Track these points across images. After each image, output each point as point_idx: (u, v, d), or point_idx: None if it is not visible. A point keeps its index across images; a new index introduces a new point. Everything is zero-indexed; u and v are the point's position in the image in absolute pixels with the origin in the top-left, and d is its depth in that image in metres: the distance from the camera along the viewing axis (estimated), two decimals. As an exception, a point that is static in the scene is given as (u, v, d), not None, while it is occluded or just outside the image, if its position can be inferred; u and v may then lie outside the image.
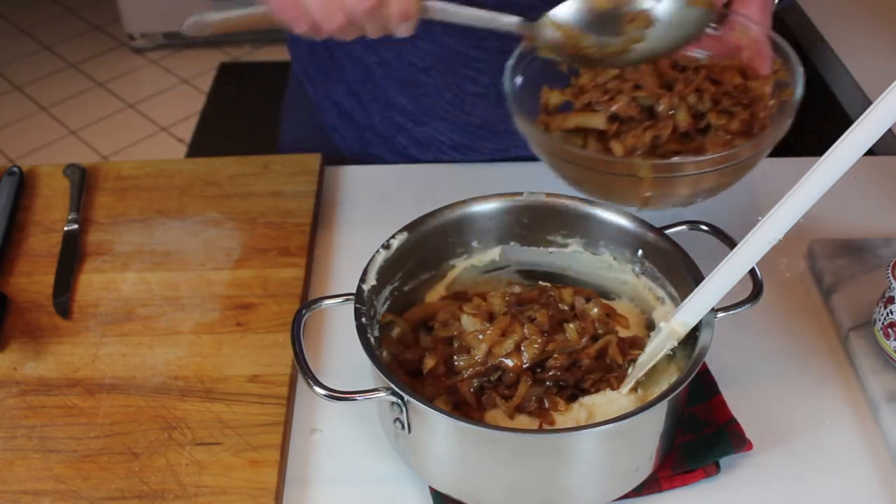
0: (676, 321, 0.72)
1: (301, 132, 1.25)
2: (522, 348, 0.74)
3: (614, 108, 0.79)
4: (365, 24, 0.75)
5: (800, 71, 0.77)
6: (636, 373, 0.74)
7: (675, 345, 0.73)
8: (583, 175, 0.79)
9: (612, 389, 0.74)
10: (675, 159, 0.77)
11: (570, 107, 0.86)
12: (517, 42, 0.86)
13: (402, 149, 1.13)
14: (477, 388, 0.74)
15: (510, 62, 0.82)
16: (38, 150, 2.97)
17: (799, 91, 0.77)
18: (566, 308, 0.78)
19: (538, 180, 0.91)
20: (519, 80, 0.84)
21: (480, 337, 0.75)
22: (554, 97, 0.85)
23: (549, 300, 0.78)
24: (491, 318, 0.76)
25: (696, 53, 0.83)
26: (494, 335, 0.74)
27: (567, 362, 0.74)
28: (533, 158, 0.88)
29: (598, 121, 0.79)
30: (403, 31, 0.75)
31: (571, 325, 0.75)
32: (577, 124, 0.81)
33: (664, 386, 0.75)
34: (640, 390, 0.75)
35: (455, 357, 0.75)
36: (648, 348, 0.73)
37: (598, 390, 0.75)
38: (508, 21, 0.78)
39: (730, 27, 0.80)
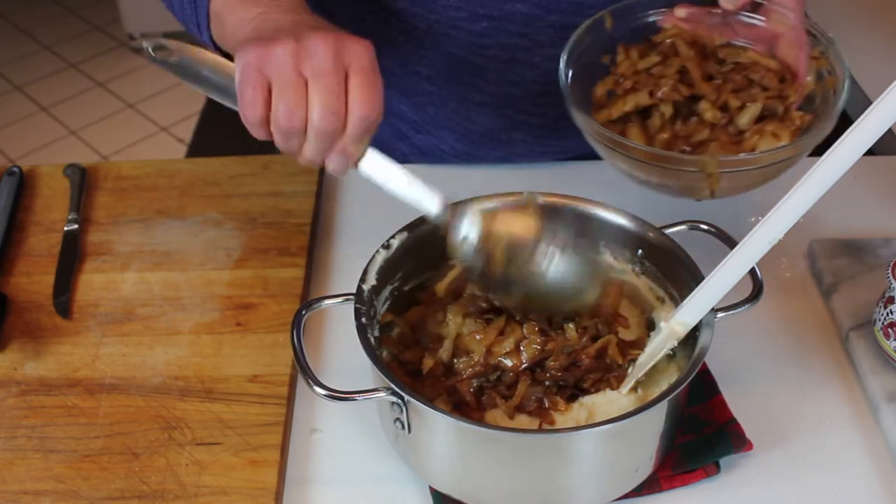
0: (676, 321, 0.72)
1: None
2: (522, 348, 0.74)
3: (660, 92, 0.79)
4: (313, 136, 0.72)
5: (843, 59, 0.78)
6: (636, 373, 0.74)
7: (675, 345, 0.73)
8: (642, 168, 0.78)
9: (612, 389, 0.74)
10: (742, 155, 0.78)
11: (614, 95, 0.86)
12: (523, 51, 0.82)
13: (403, 157, 1.12)
14: (476, 389, 0.74)
15: (564, 55, 0.80)
16: (38, 150, 2.97)
17: (845, 79, 0.77)
18: (566, 308, 0.78)
19: (540, 183, 0.91)
20: (570, 73, 0.82)
21: (479, 337, 0.75)
22: (599, 89, 0.85)
23: (549, 300, 0.78)
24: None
25: (738, 42, 0.82)
26: (493, 335, 0.74)
27: (566, 362, 0.74)
28: (533, 162, 0.86)
29: (642, 97, 0.78)
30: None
31: (571, 325, 0.75)
32: (625, 109, 0.80)
33: (664, 386, 0.75)
34: (640, 390, 0.75)
35: (454, 357, 0.75)
36: (648, 348, 0.73)
37: (597, 390, 0.75)
38: (430, 203, 0.73)
39: (765, 15, 0.79)
